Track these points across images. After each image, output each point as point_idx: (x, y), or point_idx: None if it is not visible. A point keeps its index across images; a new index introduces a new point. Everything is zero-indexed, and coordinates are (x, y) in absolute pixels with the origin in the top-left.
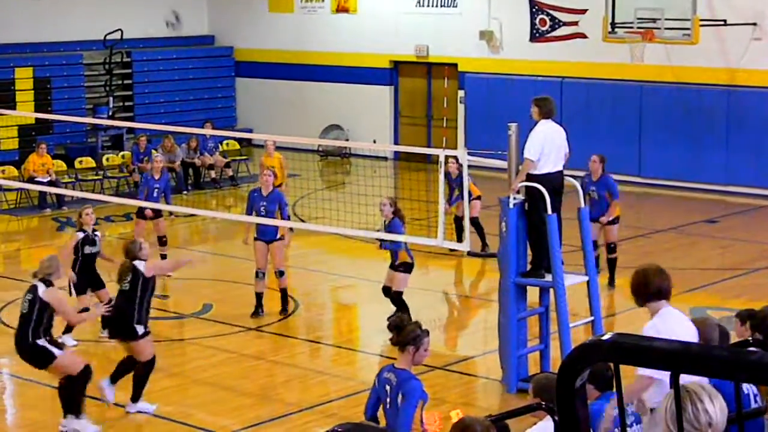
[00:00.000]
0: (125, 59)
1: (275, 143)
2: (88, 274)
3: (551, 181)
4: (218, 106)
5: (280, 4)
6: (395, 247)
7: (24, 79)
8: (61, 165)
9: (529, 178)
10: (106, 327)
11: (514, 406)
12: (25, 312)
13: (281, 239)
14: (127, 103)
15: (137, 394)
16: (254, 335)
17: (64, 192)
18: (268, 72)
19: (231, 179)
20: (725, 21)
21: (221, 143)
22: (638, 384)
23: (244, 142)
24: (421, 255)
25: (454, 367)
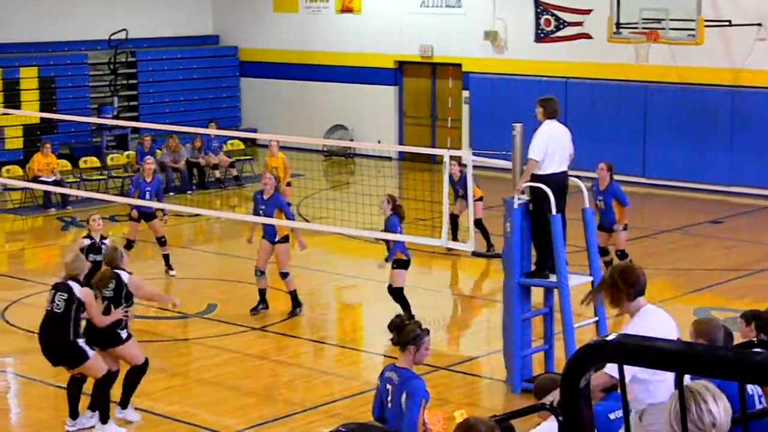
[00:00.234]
0: (130, 59)
1: (279, 143)
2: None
3: (556, 181)
4: (223, 105)
5: (284, 4)
6: (398, 247)
7: (29, 78)
8: (65, 165)
9: (534, 178)
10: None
11: (518, 407)
12: (60, 311)
13: (284, 241)
14: (131, 103)
15: (126, 400)
16: (258, 335)
17: (69, 192)
18: (273, 72)
19: (235, 179)
20: (730, 21)
21: (225, 143)
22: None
23: (249, 142)
24: (425, 255)
25: (458, 368)
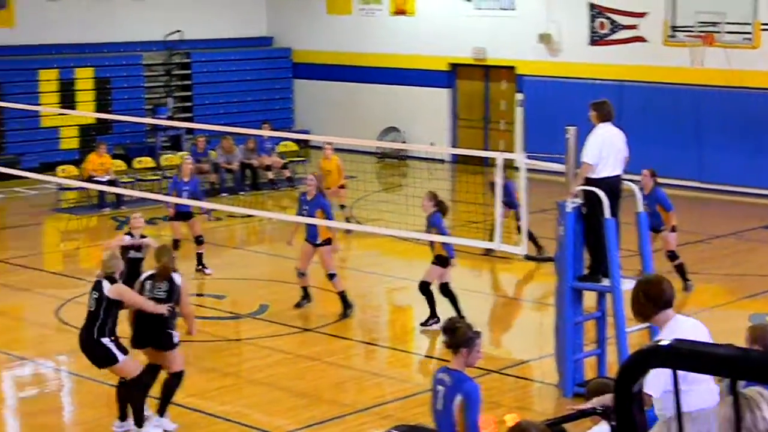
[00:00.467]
0: (184, 60)
1: (333, 146)
2: (132, 279)
3: (609, 185)
4: (275, 107)
5: (338, 6)
6: (448, 248)
7: (84, 79)
8: (120, 165)
9: (588, 182)
10: (136, 335)
11: (569, 411)
12: (92, 309)
13: (327, 244)
14: (186, 104)
15: (164, 407)
16: (310, 336)
17: (122, 191)
18: (326, 74)
19: (288, 180)
20: None
21: (278, 144)
22: None
23: (302, 144)
24: (477, 258)
25: (510, 371)
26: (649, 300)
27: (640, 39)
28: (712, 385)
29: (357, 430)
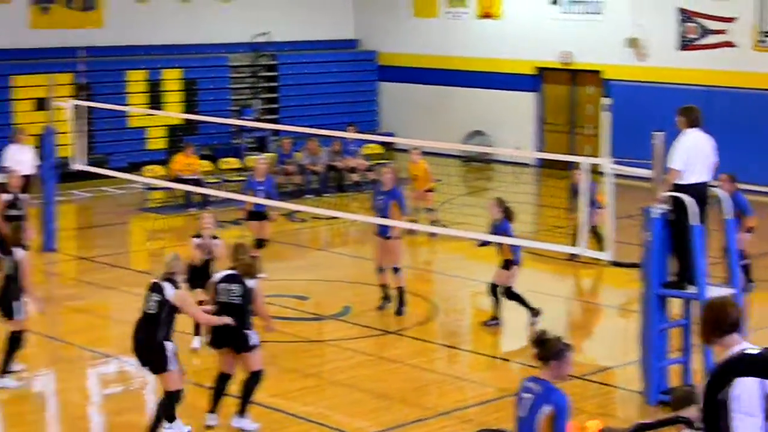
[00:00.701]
0: (271, 62)
1: (420, 151)
2: (200, 279)
3: (697, 191)
4: (360, 110)
5: (424, 9)
6: (515, 250)
7: (172, 80)
8: (206, 165)
9: (675, 188)
10: (214, 336)
11: (653, 419)
12: (152, 312)
13: (396, 237)
14: (272, 106)
15: (244, 407)
16: (393, 339)
17: (207, 191)
18: (411, 76)
19: (373, 183)
20: None
21: (363, 146)
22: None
23: (387, 146)
24: (562, 264)
25: (593, 377)
26: (712, 323)
27: (729, 44)
28: None
29: None
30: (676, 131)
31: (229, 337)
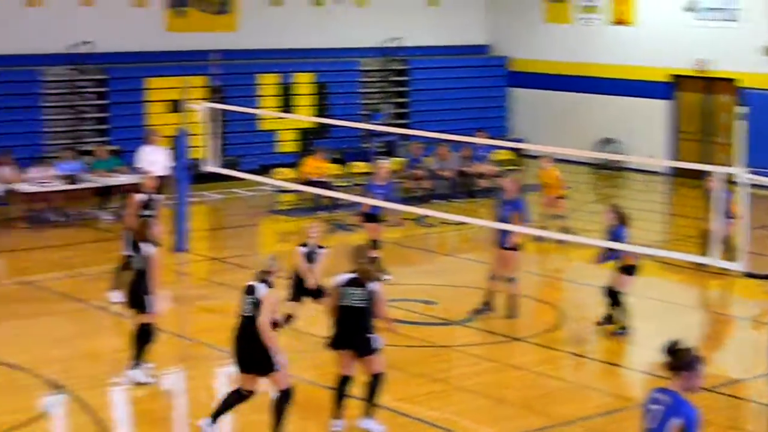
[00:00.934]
0: (401, 66)
1: (551, 158)
2: (303, 287)
3: None
4: (490, 115)
5: (556, 15)
6: (615, 255)
7: (303, 83)
8: (336, 168)
9: None
10: (336, 337)
11: None
12: (249, 315)
13: (513, 249)
14: (402, 110)
15: (369, 409)
16: (520, 345)
17: (335, 195)
18: (542, 83)
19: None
20: None
21: (492, 152)
22: None
23: (517, 152)
24: (694, 274)
25: (722, 389)
26: None
27: None
28: None
29: None
30: None
31: (352, 338)
